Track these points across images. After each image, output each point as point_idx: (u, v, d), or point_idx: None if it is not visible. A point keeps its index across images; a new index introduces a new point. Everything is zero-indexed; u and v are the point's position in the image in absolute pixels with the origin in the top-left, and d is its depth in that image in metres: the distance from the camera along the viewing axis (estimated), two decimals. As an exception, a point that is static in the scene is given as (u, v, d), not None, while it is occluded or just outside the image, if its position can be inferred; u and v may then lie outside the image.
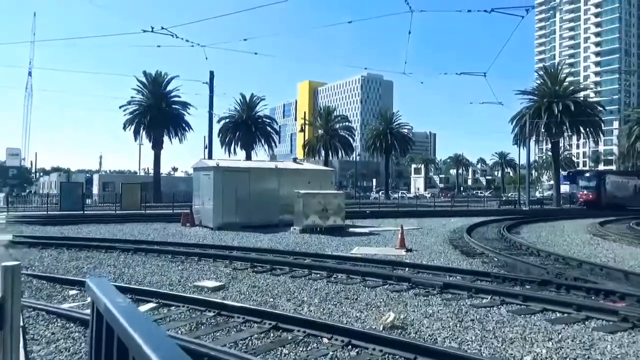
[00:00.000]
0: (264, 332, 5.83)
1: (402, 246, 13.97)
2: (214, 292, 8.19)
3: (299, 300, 7.67)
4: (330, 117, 66.12)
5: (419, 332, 5.94)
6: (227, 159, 34.80)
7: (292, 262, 10.92)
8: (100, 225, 21.52)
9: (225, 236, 17.17)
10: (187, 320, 6.41)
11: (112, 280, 8.99)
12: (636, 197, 42.58)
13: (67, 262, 11.28)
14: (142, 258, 11.87)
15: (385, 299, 7.73)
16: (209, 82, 34.68)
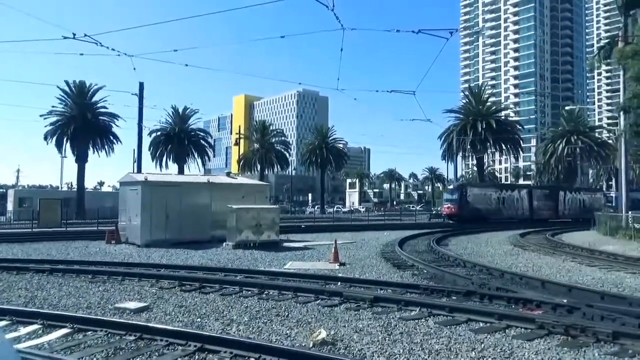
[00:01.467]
0: (187, 354, 5.53)
1: (336, 260, 14.00)
2: (136, 314, 7.72)
3: (228, 319, 7.39)
4: (266, 131, 65.99)
5: (349, 348, 5.89)
6: (157, 173, 33.53)
7: (223, 279, 10.58)
8: (14, 244, 19.86)
9: (154, 254, 16.41)
10: (105, 346, 5.95)
11: (22, 305, 8.25)
12: (498, 209, 41.91)
13: (-31, 286, 10.22)
14: (59, 279, 11.02)
15: (316, 314, 7.64)
16: (138, 93, 33.42)
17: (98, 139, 45.65)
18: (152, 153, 52.89)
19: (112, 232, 20.35)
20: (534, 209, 43.23)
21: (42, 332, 6.57)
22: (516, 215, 41.91)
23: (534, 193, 44.85)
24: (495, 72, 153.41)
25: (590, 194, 50.09)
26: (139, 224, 18.86)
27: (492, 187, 48.82)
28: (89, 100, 45.87)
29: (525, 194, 43.93)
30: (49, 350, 5.69)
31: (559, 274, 12.49)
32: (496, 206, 41.90)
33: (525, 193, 44.25)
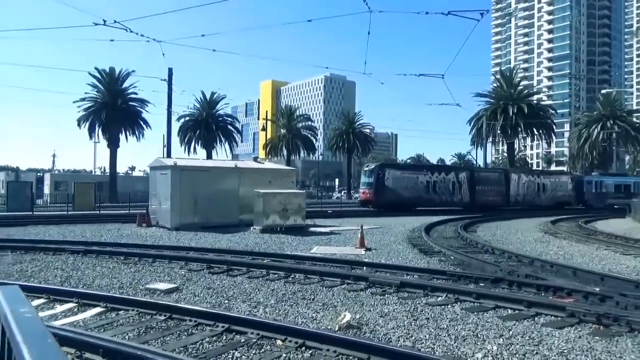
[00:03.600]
0: (216, 335, 5.66)
1: (362, 245, 14.00)
2: (166, 295, 7.92)
3: (255, 301, 7.51)
4: (292, 116, 66.06)
5: (374, 332, 5.92)
6: (186, 158, 34.07)
7: (250, 262, 10.73)
8: (50, 226, 20.59)
9: (183, 237, 16.75)
10: (136, 324, 6.14)
11: (58, 284, 8.57)
12: (428, 194, 36.01)
13: (10, 265, 10.67)
14: (93, 260, 11.39)
15: (342, 298, 7.69)
16: (167, 79, 33.82)
17: (128, 125, 46.57)
18: (180, 138, 53.74)
19: (143, 215, 20.85)
20: (477, 195, 37.52)
21: (77, 310, 6.82)
22: (453, 201, 36.78)
23: (477, 176, 38.75)
24: (528, 54, 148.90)
25: (553, 177, 44.33)
26: (169, 207, 19.25)
27: (419, 168, 42.12)
28: (119, 86, 46.75)
29: (465, 178, 37.75)
30: (84, 328, 5.91)
31: (592, 262, 12.18)
32: (425, 191, 35.74)
33: (465, 176, 37.94)
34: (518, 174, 41.51)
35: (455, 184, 37.32)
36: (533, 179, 41.88)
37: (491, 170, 46.58)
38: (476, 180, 38.15)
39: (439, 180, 36.81)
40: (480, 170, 45.33)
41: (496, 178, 40.12)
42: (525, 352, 5.16)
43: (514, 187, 40.05)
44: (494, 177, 40.48)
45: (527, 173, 43.50)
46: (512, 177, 40.36)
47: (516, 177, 40.69)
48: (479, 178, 38.76)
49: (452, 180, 37.30)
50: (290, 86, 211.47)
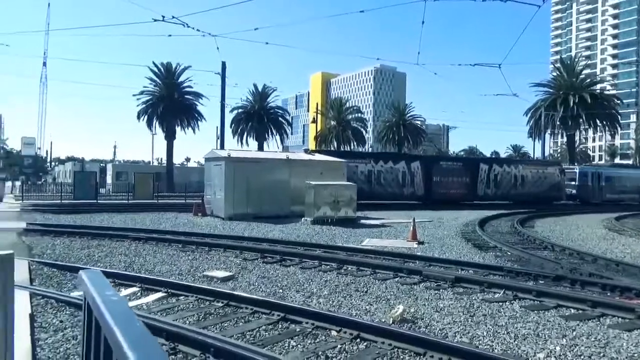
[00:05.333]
0: (272, 323, 5.77)
1: (414, 239, 13.82)
2: (223, 282, 8.16)
3: (308, 291, 7.59)
4: (342, 108, 65.99)
5: (429, 327, 5.83)
6: (239, 150, 34.78)
7: (303, 253, 10.85)
8: (113, 214, 21.68)
9: (237, 226, 17.17)
10: (196, 310, 6.37)
11: (122, 269, 9.01)
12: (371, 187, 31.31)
13: (78, 250, 11.34)
14: (153, 247, 11.90)
15: (395, 291, 7.63)
16: (221, 73, 34.65)
17: (184, 117, 48.14)
18: (233, 130, 54.94)
19: (199, 205, 21.53)
20: (434, 187, 33.28)
21: (140, 295, 7.15)
22: (402, 194, 32.50)
23: (435, 166, 34.27)
24: (591, 41, 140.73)
25: (537, 168, 38.78)
26: (223, 198, 19.78)
27: (359, 156, 36.04)
28: (175, 80, 48.34)
29: (419, 167, 33.13)
30: (147, 311, 6.19)
31: (662, 262, 11.43)
32: (366, 183, 30.97)
33: (418, 166, 33.27)
34: (489, 164, 36.62)
35: (405, 175, 32.85)
36: (509, 169, 36.92)
37: (454, 160, 42.53)
38: (433, 171, 33.67)
39: (385, 170, 32.18)
40: (441, 159, 41.31)
41: (460, 168, 35.30)
42: (591, 355, 4.93)
43: (482, 179, 35.37)
44: (456, 167, 35.55)
45: (501, 163, 38.44)
46: (481, 167, 35.65)
47: (487, 167, 35.86)
48: (437, 168, 34.12)
49: (400, 170, 32.68)
50: (340, 78, 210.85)
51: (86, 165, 53.61)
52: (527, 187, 36.83)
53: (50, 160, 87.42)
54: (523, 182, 36.94)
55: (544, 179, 37.90)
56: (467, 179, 34.70)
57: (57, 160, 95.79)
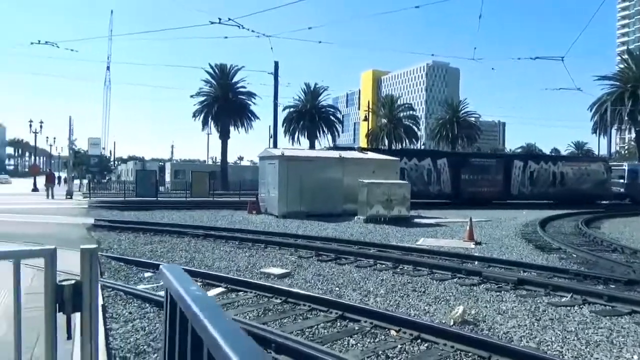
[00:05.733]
0: (330, 321, 5.78)
1: (471, 239, 13.44)
2: (280, 279, 8.27)
3: (365, 290, 7.55)
4: (394, 106, 65.18)
5: (493, 329, 5.64)
6: (292, 148, 35.18)
7: (357, 251, 10.81)
8: (172, 211, 22.51)
9: (290, 224, 17.36)
10: (255, 306, 6.49)
11: (183, 265, 9.32)
12: None
13: (142, 245, 11.86)
14: (211, 244, 12.24)
15: (454, 292, 7.44)
16: (273, 73, 35.16)
17: (238, 117, 49.23)
18: (285, 129, 55.58)
19: (253, 203, 21.96)
20: (462, 185, 31.04)
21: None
22: (428, 193, 30.12)
23: (464, 163, 31.76)
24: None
25: (579, 164, 35.74)
26: (277, 196, 20.07)
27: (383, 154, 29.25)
28: (229, 80, 49.53)
29: (446, 165, 30.87)
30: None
31: None
32: None
33: (445, 163, 31.02)
34: (524, 161, 34.12)
35: (432, 172, 31.00)
36: (547, 166, 34.05)
37: (485, 156, 39.31)
38: (462, 168, 31.53)
39: (409, 167, 30.11)
40: (469, 155, 38.05)
41: (491, 165, 32.78)
42: (674, 365, 4.58)
43: (516, 176, 32.89)
44: (488, 164, 33.03)
45: (538, 159, 35.57)
46: (515, 164, 33.19)
47: (521, 164, 33.33)
48: (467, 165, 31.89)
49: (426, 167, 30.90)
50: (391, 75, 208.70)
51: (146, 164, 56.02)
52: (567, 185, 34.10)
53: (113, 160, 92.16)
54: (563, 179, 34.29)
55: (587, 176, 34.99)
56: (499, 176, 32.54)
57: (120, 159, 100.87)
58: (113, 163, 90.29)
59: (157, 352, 4.71)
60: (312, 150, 38.67)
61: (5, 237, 11.70)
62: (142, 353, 4.70)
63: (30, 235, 12.34)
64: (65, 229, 14.77)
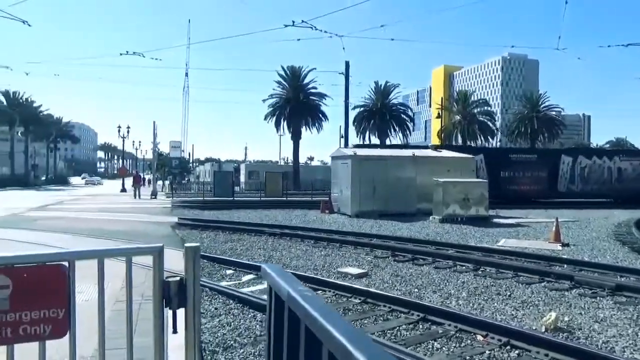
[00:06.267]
0: (411, 323, 5.67)
1: (557, 240, 12.64)
2: (357, 279, 8.24)
3: (446, 292, 7.33)
4: (467, 101, 62.98)
5: (590, 338, 5.25)
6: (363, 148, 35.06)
7: (434, 252, 10.54)
8: (248, 210, 23.24)
9: (364, 224, 17.30)
10: (334, 305, 6.51)
11: (262, 262, 9.57)
12: None
13: (222, 243, 12.34)
14: (287, 242, 12.47)
15: (543, 297, 7.02)
16: (344, 72, 35.24)
17: (309, 117, 49.89)
18: (355, 128, 55.48)
19: (326, 202, 22.13)
20: (501, 183, 28.29)
21: (281, 287, 7.52)
22: None
23: (502, 159, 29.24)
24: None
25: (632, 159, 31.46)
26: (349, 195, 20.07)
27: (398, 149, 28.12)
28: (301, 82, 50.31)
29: (482, 161, 28.04)
30: (290, 304, 6.47)
31: None
32: None
33: (482, 159, 28.16)
34: (573, 156, 30.98)
35: None
36: (601, 161, 30.68)
37: (527, 152, 35.20)
38: (501, 165, 29.00)
39: None
40: (508, 151, 34.51)
41: (534, 161, 29.92)
42: None
43: (564, 173, 30.00)
44: (530, 160, 30.08)
45: (590, 154, 32.13)
46: (564, 160, 30.26)
47: (569, 160, 30.35)
48: (506, 162, 29.29)
49: None
50: (464, 71, 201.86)
51: (222, 165, 58.32)
52: (626, 182, 30.62)
53: (192, 161, 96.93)
54: (621, 176, 30.82)
55: None
56: (544, 173, 29.75)
57: (198, 161, 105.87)
58: (192, 165, 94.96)
59: (243, 348, 4.86)
60: (385, 149, 38.30)
61: (103, 234, 12.67)
62: (230, 348, 4.86)
63: (122, 233, 13.27)
64: (153, 227, 15.72)
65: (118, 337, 2.35)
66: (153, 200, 31.56)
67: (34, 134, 63.73)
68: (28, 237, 11.82)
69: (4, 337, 2.02)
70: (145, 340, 2.45)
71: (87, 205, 25.00)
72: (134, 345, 2.15)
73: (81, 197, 34.23)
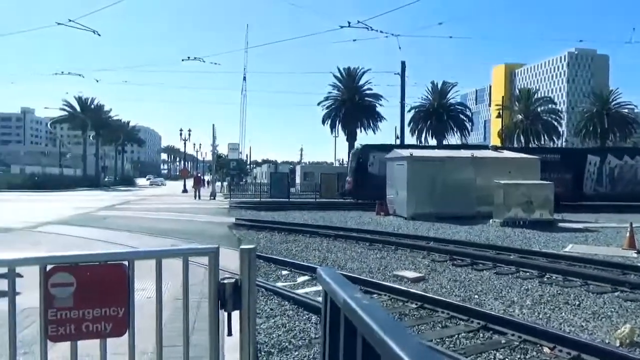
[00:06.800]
0: (472, 331, 5.43)
1: (632, 246, 11.77)
2: (414, 283, 8.03)
3: (508, 300, 6.99)
4: (530, 100, 60.35)
5: (673, 356, 4.79)
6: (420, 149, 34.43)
7: (495, 257, 10.10)
8: (303, 211, 23.40)
9: (420, 226, 16.93)
10: (390, 309, 6.37)
11: (317, 264, 9.55)
12: None
13: (278, 244, 12.46)
14: (342, 244, 12.41)
15: (617, 308, 6.53)
16: (400, 73, 34.77)
17: (365, 119, 49.66)
18: (411, 129, 54.58)
19: (381, 204, 21.88)
20: None
21: (336, 290, 7.46)
22: None
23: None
24: None
25: None
26: (405, 197, 19.72)
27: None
28: (356, 83, 50.21)
29: None
30: (345, 307, 6.40)
31: None
32: None
33: None
34: (602, 155, 28.53)
35: None
36: (633, 161, 28.07)
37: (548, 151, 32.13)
38: None
39: None
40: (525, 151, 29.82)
41: (556, 162, 27.12)
42: None
43: (591, 174, 27.83)
44: (552, 160, 26.82)
45: (620, 153, 29.24)
46: (590, 160, 27.95)
47: (596, 160, 27.98)
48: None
49: None
50: (526, 68, 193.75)
51: (279, 167, 59.20)
52: None
53: (249, 163, 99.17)
54: None
55: None
56: (567, 174, 27.32)
57: (255, 162, 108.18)
58: (249, 166, 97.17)
59: (298, 350, 4.84)
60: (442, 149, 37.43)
61: (164, 232, 13.17)
62: (285, 350, 4.86)
63: (183, 232, 13.72)
64: (211, 227, 16.14)
65: (178, 335, 2.37)
66: (212, 200, 32.52)
67: (103, 138, 67.55)
68: (96, 234, 12.49)
69: (68, 333, 2.09)
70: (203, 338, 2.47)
71: (150, 205, 26.14)
72: (191, 343, 2.17)
73: (145, 197, 35.87)
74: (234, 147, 55.76)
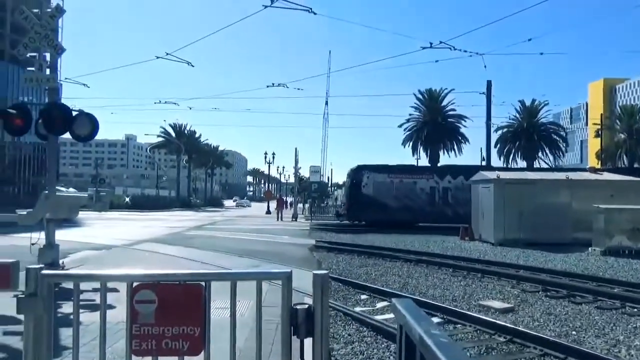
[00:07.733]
0: (569, 372, 4.92)
1: None
2: (502, 314, 7.51)
3: (612, 338, 6.28)
4: (635, 117, 55.39)
5: None
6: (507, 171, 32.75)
7: (596, 289, 9.19)
8: (384, 234, 23.01)
9: (508, 253, 15.93)
10: (475, 342, 5.99)
11: (397, 290, 9.28)
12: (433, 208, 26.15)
13: (357, 267, 12.32)
14: (424, 269, 11.99)
15: None
16: (486, 92, 33.51)
17: (447, 140, 48.31)
18: (498, 150, 52.16)
19: (466, 228, 20.95)
20: None
21: (417, 318, 7.16)
22: None
23: None
24: None
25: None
26: (492, 221, 18.73)
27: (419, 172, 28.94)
28: (438, 104, 49.15)
29: None
30: (426, 336, 6.11)
31: None
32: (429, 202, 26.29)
33: None
34: None
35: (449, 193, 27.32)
36: None
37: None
38: None
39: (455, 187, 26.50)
40: None
41: None
42: None
43: None
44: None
45: None
46: None
47: None
48: None
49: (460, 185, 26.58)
50: (628, 83, 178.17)
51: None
52: None
53: (330, 185, 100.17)
54: None
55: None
56: None
57: (336, 185, 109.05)
58: (330, 188, 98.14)
59: (376, 379, 4.66)
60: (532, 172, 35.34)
61: (247, 253, 13.57)
62: (362, 378, 4.71)
63: (264, 252, 14.05)
64: (292, 248, 16.38)
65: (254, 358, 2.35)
66: (293, 222, 33.11)
67: (195, 161, 71.90)
68: (184, 253, 13.16)
69: (149, 349, 2.15)
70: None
71: (235, 226, 27.14)
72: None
73: (231, 218, 37.38)
74: (316, 170, 56.76)
